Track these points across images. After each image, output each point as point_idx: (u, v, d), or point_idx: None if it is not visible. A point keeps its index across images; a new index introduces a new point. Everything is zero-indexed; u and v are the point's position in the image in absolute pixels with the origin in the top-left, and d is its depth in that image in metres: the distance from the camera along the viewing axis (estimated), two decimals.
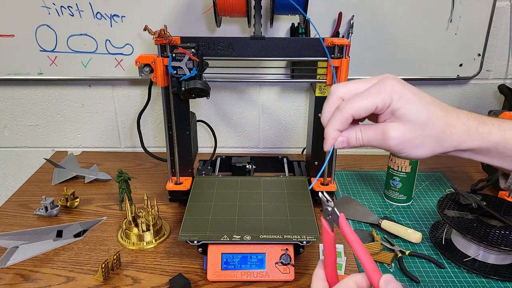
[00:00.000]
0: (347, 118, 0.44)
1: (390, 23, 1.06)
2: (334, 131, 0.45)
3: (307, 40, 0.85)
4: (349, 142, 0.46)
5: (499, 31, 1.09)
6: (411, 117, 0.44)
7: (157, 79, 0.83)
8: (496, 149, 0.45)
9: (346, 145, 0.46)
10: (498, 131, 0.45)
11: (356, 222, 0.90)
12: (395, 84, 0.44)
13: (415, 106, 0.44)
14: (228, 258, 0.73)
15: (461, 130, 0.45)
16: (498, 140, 0.45)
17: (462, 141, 0.45)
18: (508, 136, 0.45)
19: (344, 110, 0.44)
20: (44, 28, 1.07)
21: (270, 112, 1.20)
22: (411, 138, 0.44)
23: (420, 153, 0.45)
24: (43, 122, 1.21)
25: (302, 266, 0.77)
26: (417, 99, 0.44)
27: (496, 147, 0.45)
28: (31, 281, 0.73)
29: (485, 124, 0.46)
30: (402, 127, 0.44)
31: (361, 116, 0.45)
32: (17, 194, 1.02)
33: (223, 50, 0.84)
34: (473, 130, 0.45)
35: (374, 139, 0.45)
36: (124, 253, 0.80)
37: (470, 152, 0.46)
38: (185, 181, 0.94)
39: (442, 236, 0.84)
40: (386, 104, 0.44)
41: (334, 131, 0.45)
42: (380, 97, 0.44)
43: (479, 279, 0.74)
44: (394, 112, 0.44)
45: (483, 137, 0.45)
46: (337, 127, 0.45)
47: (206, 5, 1.04)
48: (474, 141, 0.45)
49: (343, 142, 0.46)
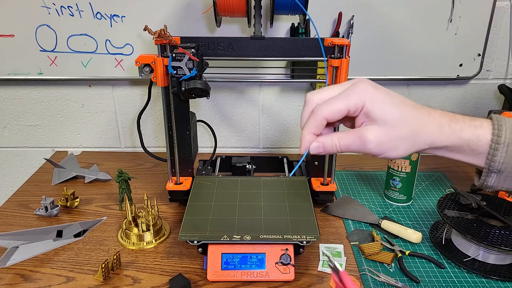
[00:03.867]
0: (321, 121, 0.46)
1: (390, 23, 1.06)
2: (308, 134, 0.47)
3: (307, 40, 0.85)
4: (325, 147, 0.47)
5: (499, 31, 1.09)
6: (385, 118, 0.45)
7: (157, 79, 0.83)
8: (469, 146, 0.47)
9: (322, 150, 0.48)
10: (470, 127, 0.47)
11: (356, 222, 0.90)
12: (367, 86, 0.46)
13: (388, 106, 0.46)
14: (228, 258, 0.73)
15: (434, 127, 0.47)
16: (470, 137, 0.47)
17: (436, 138, 0.47)
18: (479, 133, 0.47)
19: (317, 113, 0.46)
20: (44, 28, 1.07)
21: (270, 112, 1.20)
22: (388, 140, 0.45)
23: (398, 153, 0.46)
24: (43, 122, 1.21)
25: (302, 266, 0.77)
26: (389, 99, 0.46)
27: (468, 144, 0.47)
28: (31, 281, 0.73)
29: (457, 121, 0.47)
30: (378, 130, 0.45)
31: (335, 119, 0.46)
32: (17, 194, 1.02)
33: (223, 50, 0.84)
34: (446, 126, 0.47)
35: (353, 144, 0.46)
36: (124, 253, 0.80)
37: (445, 149, 0.47)
38: (185, 181, 0.94)
39: (442, 236, 0.84)
40: (359, 106, 0.45)
41: (308, 134, 0.47)
42: (352, 99, 0.45)
43: (479, 279, 0.74)
44: (368, 114, 0.45)
45: (456, 134, 0.47)
46: (312, 130, 0.47)
47: (206, 5, 1.04)
48: (447, 138, 0.47)
49: (318, 148, 0.48)
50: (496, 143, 0.46)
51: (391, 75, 1.12)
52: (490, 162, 0.47)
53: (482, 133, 0.47)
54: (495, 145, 0.46)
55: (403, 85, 1.16)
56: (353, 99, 0.45)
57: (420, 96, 1.17)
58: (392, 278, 0.73)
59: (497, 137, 0.46)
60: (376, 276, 0.74)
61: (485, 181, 0.49)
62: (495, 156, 0.46)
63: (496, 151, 0.46)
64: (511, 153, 0.46)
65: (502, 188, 0.48)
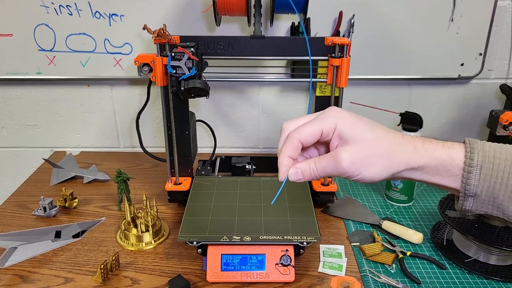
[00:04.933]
0: (295, 143, 0.47)
1: (391, 22, 1.06)
2: (285, 158, 0.48)
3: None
4: (304, 173, 0.48)
5: (501, 31, 1.09)
6: (358, 137, 0.46)
7: (156, 79, 0.83)
8: (443, 166, 0.47)
9: (301, 176, 0.48)
10: (443, 148, 0.48)
11: (357, 222, 0.90)
12: (339, 110, 0.48)
13: (360, 126, 0.47)
14: (228, 259, 0.72)
15: (408, 147, 0.47)
16: (443, 157, 0.47)
17: (410, 158, 0.47)
18: (452, 153, 0.47)
19: (292, 137, 0.48)
20: (42, 27, 1.07)
21: (270, 112, 1.19)
22: (362, 157, 0.46)
23: (373, 172, 0.46)
24: (42, 122, 1.21)
25: (303, 267, 0.76)
26: (360, 120, 0.48)
27: (443, 164, 0.47)
28: (29, 282, 0.73)
29: (430, 142, 0.48)
30: (351, 148, 0.46)
31: (309, 141, 0.48)
32: (15, 195, 1.02)
33: (222, 49, 0.84)
34: (419, 147, 0.47)
35: (328, 166, 0.47)
36: (123, 254, 0.80)
37: (421, 171, 0.48)
38: (184, 182, 0.94)
39: (443, 237, 0.83)
40: (331, 128, 0.47)
41: (285, 158, 0.48)
42: (324, 121, 0.47)
43: (480, 280, 0.74)
44: (341, 135, 0.47)
45: (430, 153, 0.47)
46: (288, 153, 0.48)
47: (205, 4, 1.04)
48: (421, 158, 0.47)
49: (296, 174, 0.48)
50: (469, 165, 0.46)
51: (392, 75, 1.12)
52: (465, 185, 0.47)
53: (456, 154, 0.47)
54: (468, 168, 0.46)
55: (404, 84, 1.15)
56: (325, 120, 0.47)
57: (421, 96, 1.16)
58: (393, 279, 0.73)
59: (470, 160, 0.46)
60: (377, 277, 0.73)
61: (462, 205, 0.49)
62: (470, 179, 0.46)
63: (470, 174, 0.46)
64: (484, 176, 0.46)
65: (481, 212, 0.49)
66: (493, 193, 0.46)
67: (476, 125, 1.20)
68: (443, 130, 1.21)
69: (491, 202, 0.47)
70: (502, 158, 0.46)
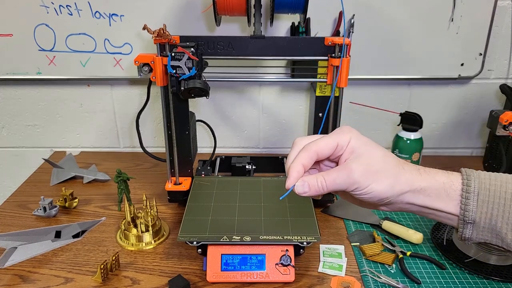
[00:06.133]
0: (311, 154, 0.49)
1: (391, 22, 1.06)
2: (299, 164, 0.49)
3: (307, 39, 0.85)
4: (311, 186, 0.49)
5: (501, 31, 1.09)
6: (369, 153, 0.48)
7: (156, 79, 0.83)
8: (444, 190, 0.49)
9: (307, 189, 0.49)
10: (443, 173, 0.50)
11: (357, 222, 0.90)
12: (352, 129, 0.50)
13: (371, 144, 0.50)
14: (228, 259, 0.72)
15: (412, 169, 0.50)
16: (444, 180, 0.49)
17: (415, 179, 0.49)
18: (452, 178, 0.50)
19: (309, 147, 0.49)
20: (42, 27, 1.07)
21: (270, 112, 1.19)
22: (373, 170, 0.48)
23: (381, 187, 0.48)
24: (42, 122, 1.21)
25: (303, 267, 0.76)
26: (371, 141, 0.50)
27: (444, 188, 0.49)
28: (29, 282, 0.73)
29: (430, 168, 0.51)
30: (363, 161, 0.48)
31: (324, 154, 0.49)
32: (15, 195, 1.02)
33: (222, 49, 0.84)
34: (422, 170, 0.50)
35: (338, 177, 0.48)
36: (123, 254, 0.80)
37: (424, 194, 0.49)
38: (184, 182, 0.94)
39: (443, 237, 0.83)
40: (346, 142, 0.49)
41: (299, 164, 0.49)
42: (339, 136, 0.49)
43: (480, 280, 0.73)
44: (354, 150, 0.49)
45: (431, 176, 0.50)
46: (302, 161, 0.49)
47: (205, 4, 1.04)
48: (424, 180, 0.49)
49: (303, 186, 0.49)
50: (467, 192, 0.48)
51: (392, 75, 1.12)
52: (464, 212, 0.48)
53: (455, 179, 0.49)
54: (466, 194, 0.48)
55: (404, 84, 1.15)
56: (340, 135, 0.49)
57: (421, 96, 1.16)
58: (393, 279, 0.73)
59: (467, 186, 0.48)
60: (377, 277, 0.73)
61: (462, 233, 0.50)
62: (468, 205, 0.48)
63: (468, 200, 0.48)
64: (482, 202, 0.47)
65: (481, 241, 0.50)
66: (491, 220, 0.47)
67: (476, 125, 1.20)
68: (443, 130, 1.21)
69: (490, 229, 0.48)
70: (497, 185, 0.48)
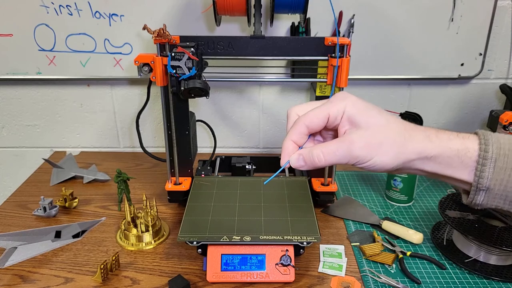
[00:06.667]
0: (301, 128, 0.46)
1: (391, 22, 1.05)
2: (288, 141, 0.47)
3: (307, 39, 0.85)
4: (306, 160, 0.46)
5: (501, 30, 1.09)
6: (369, 121, 0.44)
7: (156, 79, 0.83)
8: (458, 157, 0.45)
9: (303, 163, 0.46)
10: (458, 138, 0.46)
11: (357, 222, 0.90)
12: (348, 95, 0.46)
13: (369, 111, 0.45)
14: (228, 259, 0.72)
15: (420, 135, 0.46)
16: (458, 147, 0.45)
17: (425, 146, 0.45)
18: (467, 144, 0.45)
19: (298, 121, 0.46)
20: (42, 27, 1.07)
21: (270, 112, 1.19)
22: (375, 142, 0.44)
23: (385, 159, 0.44)
24: (42, 122, 1.21)
25: (303, 267, 0.76)
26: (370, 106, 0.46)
27: (457, 155, 0.45)
28: (29, 282, 0.73)
29: (443, 132, 0.46)
30: (364, 132, 0.44)
31: (315, 126, 0.46)
32: (15, 195, 1.02)
33: (222, 49, 0.84)
34: (433, 136, 0.46)
35: (337, 150, 0.45)
36: (123, 254, 0.80)
37: (434, 161, 0.46)
38: (184, 182, 0.94)
39: (443, 237, 0.83)
40: (340, 112, 0.45)
41: (288, 141, 0.47)
42: (331, 105, 0.45)
43: (480, 280, 0.73)
44: (351, 119, 0.45)
45: (444, 143, 0.45)
46: (292, 138, 0.46)
47: (205, 4, 1.04)
48: (436, 147, 0.45)
49: (298, 160, 0.47)
50: (484, 158, 0.44)
51: (392, 75, 1.12)
52: (479, 179, 0.45)
53: (470, 145, 0.45)
54: (483, 161, 0.44)
55: (404, 84, 1.15)
56: (333, 104, 0.45)
57: (421, 96, 1.16)
58: (393, 279, 0.73)
59: (484, 152, 0.44)
60: (377, 277, 0.73)
61: (473, 199, 0.47)
62: (483, 173, 0.44)
63: (484, 167, 0.44)
64: (498, 169, 0.44)
65: (491, 206, 0.47)
66: (507, 187, 0.44)
67: (476, 125, 1.20)
68: None
69: (504, 196, 0.45)
70: None
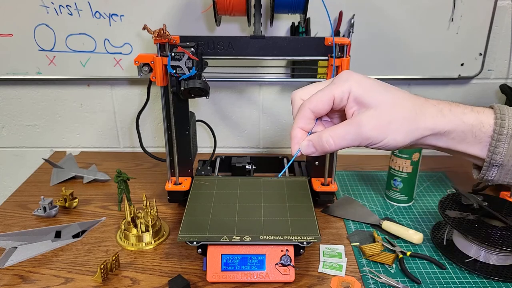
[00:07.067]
0: (306, 114, 0.44)
1: (390, 22, 1.06)
2: (296, 129, 0.45)
3: (307, 39, 0.85)
4: (315, 145, 0.45)
5: (501, 31, 1.09)
6: (377, 100, 0.43)
7: (156, 79, 0.83)
8: (472, 132, 0.44)
9: (313, 149, 0.45)
10: (472, 112, 0.44)
11: (357, 222, 0.90)
12: (351, 74, 0.44)
13: (378, 89, 0.43)
14: (228, 259, 0.72)
15: (433, 111, 0.44)
16: (472, 122, 0.44)
17: (437, 122, 0.44)
18: (482, 118, 0.44)
19: (302, 106, 0.44)
20: (42, 27, 1.07)
21: (270, 112, 1.19)
22: (385, 122, 0.42)
23: (398, 138, 0.43)
24: (42, 122, 1.21)
25: (303, 267, 0.76)
26: (376, 83, 0.44)
27: (471, 130, 0.44)
28: (29, 282, 0.73)
29: (457, 106, 0.45)
30: (373, 112, 0.42)
31: (320, 109, 0.44)
32: (15, 195, 1.02)
33: (222, 49, 0.84)
34: (446, 110, 0.44)
35: (347, 133, 0.43)
36: (123, 254, 0.80)
37: (447, 137, 0.44)
38: (184, 182, 0.94)
39: (443, 237, 0.83)
40: (345, 92, 0.43)
41: (296, 129, 0.45)
42: (335, 86, 0.43)
43: (480, 280, 0.73)
44: (358, 99, 0.43)
45: (458, 117, 0.44)
46: (299, 125, 0.45)
47: (205, 4, 1.04)
48: (449, 121, 0.44)
49: (308, 146, 0.45)
50: (499, 133, 0.43)
51: (392, 75, 1.12)
52: (492, 154, 0.44)
53: (485, 119, 0.44)
54: (498, 136, 0.43)
55: (404, 84, 1.15)
56: (337, 85, 0.43)
57: (421, 96, 1.16)
58: (393, 279, 0.73)
59: (500, 127, 0.43)
60: (377, 277, 0.73)
61: (485, 175, 0.46)
62: (498, 148, 0.43)
63: (499, 143, 0.43)
64: None
65: (503, 182, 0.46)
66: None
67: None
68: None
69: None
70: None
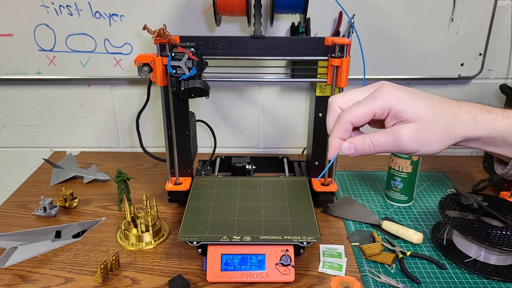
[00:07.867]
0: (346, 125, 0.47)
1: (391, 22, 1.06)
2: (335, 139, 0.48)
3: (307, 39, 0.85)
4: (357, 148, 0.47)
5: (501, 31, 1.09)
6: (417, 114, 0.45)
7: (156, 79, 0.83)
8: (502, 137, 0.47)
9: (354, 151, 0.48)
10: (503, 118, 0.47)
11: (357, 222, 0.90)
12: (392, 89, 0.47)
13: (417, 103, 0.46)
14: (228, 259, 0.72)
15: (466, 119, 0.47)
16: (503, 128, 0.47)
17: (470, 129, 0.46)
18: None
19: (342, 118, 0.47)
20: (42, 27, 1.07)
21: (270, 112, 1.19)
22: (423, 135, 0.45)
23: (435, 148, 0.46)
24: (42, 122, 1.21)
25: (303, 267, 0.76)
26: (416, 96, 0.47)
27: (501, 135, 0.47)
28: (29, 282, 0.73)
29: (489, 112, 0.48)
30: (412, 126, 0.45)
31: (360, 123, 0.47)
32: (15, 195, 1.02)
33: (222, 49, 0.84)
34: (479, 118, 0.47)
35: (386, 143, 0.46)
36: (123, 254, 0.80)
37: (478, 141, 0.47)
38: (184, 182, 0.94)
39: (443, 237, 0.83)
40: (386, 109, 0.46)
41: (335, 139, 0.48)
42: (377, 103, 0.46)
43: (480, 280, 0.73)
44: (398, 115, 0.45)
45: (489, 125, 0.47)
46: (338, 135, 0.47)
47: (205, 4, 1.04)
48: (480, 129, 0.47)
49: (349, 148, 0.48)
50: None
51: (391, 75, 1.12)
52: None
53: None
54: None
55: (404, 84, 1.13)
56: (378, 102, 0.46)
57: None
58: (393, 279, 0.73)
59: None
60: (377, 277, 0.73)
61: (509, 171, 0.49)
62: None
63: None
64: None
65: None
66: None
67: None
68: None
69: None
70: None
